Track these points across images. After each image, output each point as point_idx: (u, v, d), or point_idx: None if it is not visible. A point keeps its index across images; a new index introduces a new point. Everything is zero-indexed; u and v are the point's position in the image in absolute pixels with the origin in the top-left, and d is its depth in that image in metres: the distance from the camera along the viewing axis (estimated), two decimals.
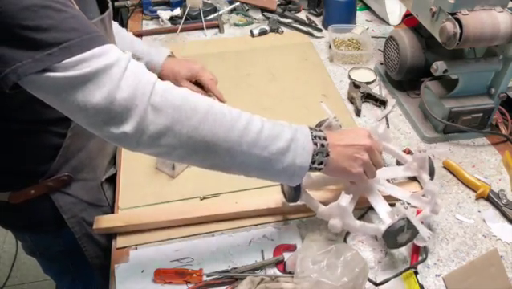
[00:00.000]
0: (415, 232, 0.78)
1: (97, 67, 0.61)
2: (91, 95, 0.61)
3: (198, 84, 1.10)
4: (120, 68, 0.63)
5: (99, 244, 0.98)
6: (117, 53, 0.65)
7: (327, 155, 0.74)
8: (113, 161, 1.06)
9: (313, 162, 0.73)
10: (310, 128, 0.75)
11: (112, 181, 1.03)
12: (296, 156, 0.71)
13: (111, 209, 1.00)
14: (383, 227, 0.79)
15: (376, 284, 0.79)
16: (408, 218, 0.76)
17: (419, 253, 0.84)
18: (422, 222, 0.80)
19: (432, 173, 0.93)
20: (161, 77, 1.07)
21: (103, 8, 0.86)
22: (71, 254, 1.01)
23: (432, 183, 0.86)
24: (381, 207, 0.84)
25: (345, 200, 0.78)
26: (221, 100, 1.11)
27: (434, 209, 0.84)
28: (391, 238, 0.78)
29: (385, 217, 0.82)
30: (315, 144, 0.73)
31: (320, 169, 0.75)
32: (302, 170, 0.72)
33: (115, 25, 1.09)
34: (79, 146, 0.89)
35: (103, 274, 0.94)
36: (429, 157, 0.92)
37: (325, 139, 0.74)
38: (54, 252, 1.02)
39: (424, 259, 0.83)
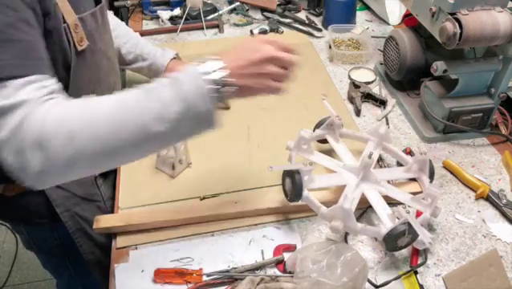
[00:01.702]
0: (415, 236, 0.78)
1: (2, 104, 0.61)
2: None
3: None
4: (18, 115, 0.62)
5: (93, 240, 0.98)
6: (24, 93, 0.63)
7: (232, 85, 0.68)
8: None
9: (220, 99, 0.68)
10: (202, 72, 0.67)
11: (107, 175, 1.02)
12: (197, 106, 0.65)
13: (105, 204, 1.00)
14: (383, 230, 0.78)
15: (377, 286, 0.79)
16: (409, 222, 0.76)
17: (419, 253, 0.84)
18: (422, 225, 0.80)
19: (431, 176, 0.93)
20: None
21: (97, 2, 0.87)
22: (66, 248, 1.02)
23: (434, 186, 0.85)
24: (382, 209, 0.84)
25: (348, 202, 0.78)
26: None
27: (434, 213, 0.84)
28: (391, 241, 0.78)
29: (386, 220, 0.82)
30: (214, 83, 0.67)
31: (232, 97, 0.71)
32: (210, 114, 0.67)
33: (122, 24, 1.08)
34: None
35: (101, 272, 0.94)
36: (429, 160, 0.92)
37: (223, 70, 0.68)
38: (51, 246, 1.02)
39: (424, 263, 0.83)
